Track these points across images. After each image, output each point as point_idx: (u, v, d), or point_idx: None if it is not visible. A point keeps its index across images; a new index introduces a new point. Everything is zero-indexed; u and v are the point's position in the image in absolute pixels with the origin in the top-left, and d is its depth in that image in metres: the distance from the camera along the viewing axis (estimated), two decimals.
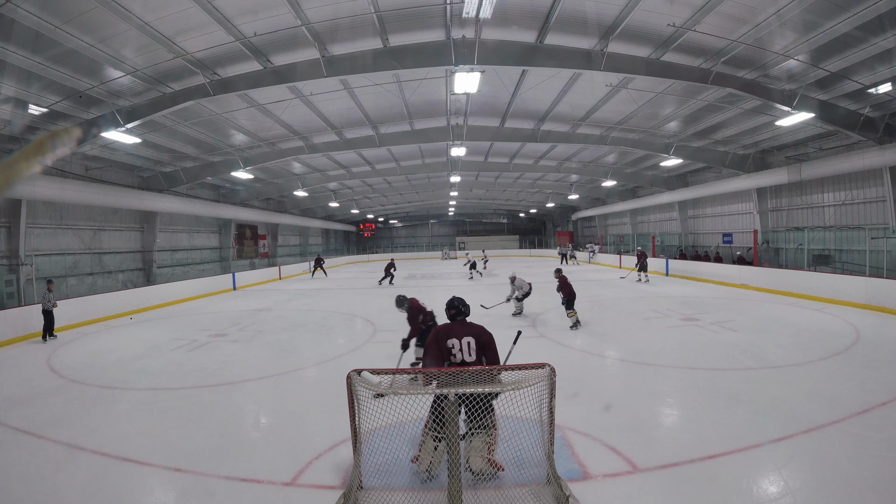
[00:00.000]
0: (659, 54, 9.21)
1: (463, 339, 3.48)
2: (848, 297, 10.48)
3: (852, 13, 7.27)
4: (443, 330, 3.56)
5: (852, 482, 3.22)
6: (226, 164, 16.18)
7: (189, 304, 14.60)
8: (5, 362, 7.55)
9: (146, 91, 9.82)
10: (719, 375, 5.74)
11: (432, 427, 3.30)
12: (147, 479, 3.63)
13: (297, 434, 4.34)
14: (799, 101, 10.06)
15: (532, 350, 7.24)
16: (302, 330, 9.75)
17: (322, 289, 18.27)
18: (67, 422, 4.80)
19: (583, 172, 22.04)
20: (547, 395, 3.06)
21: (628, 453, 3.73)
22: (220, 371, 6.66)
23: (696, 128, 14.25)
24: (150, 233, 17.39)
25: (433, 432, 3.32)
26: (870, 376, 5.45)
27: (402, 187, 27.50)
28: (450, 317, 3.67)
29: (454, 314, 3.65)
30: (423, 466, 3.43)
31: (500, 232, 48.01)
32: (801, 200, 16.02)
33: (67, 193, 12.31)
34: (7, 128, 10.29)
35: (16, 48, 7.44)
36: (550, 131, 14.78)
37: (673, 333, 8.32)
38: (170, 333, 9.53)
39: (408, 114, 13.38)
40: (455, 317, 3.64)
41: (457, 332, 3.51)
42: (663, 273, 19.20)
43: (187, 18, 7.43)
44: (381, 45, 8.80)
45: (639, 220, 28.15)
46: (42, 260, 12.53)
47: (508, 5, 7.64)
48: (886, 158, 11.53)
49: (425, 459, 3.43)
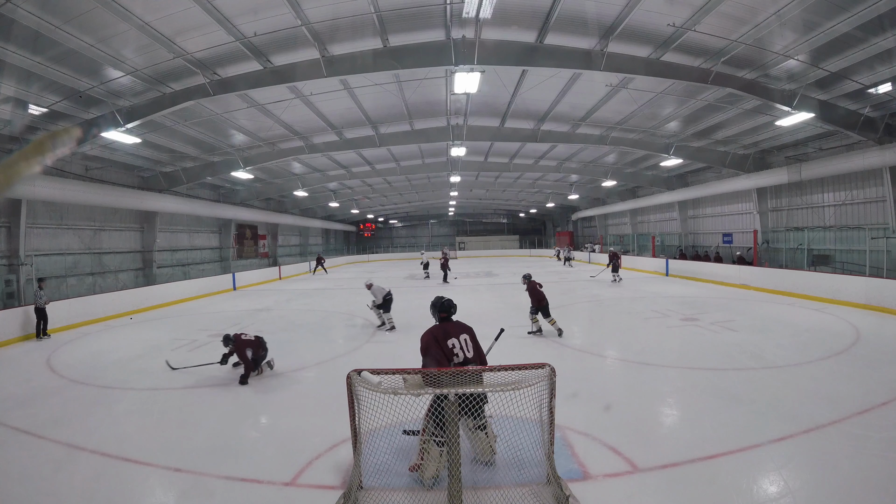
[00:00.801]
0: (659, 54, 9.20)
1: (460, 336, 3.53)
2: (848, 297, 10.48)
3: (852, 13, 7.27)
4: (439, 332, 3.55)
5: (852, 482, 3.21)
6: (226, 164, 16.18)
7: (189, 304, 14.60)
8: (5, 362, 7.55)
9: (146, 91, 9.83)
10: (719, 375, 5.74)
11: (433, 432, 3.25)
12: (147, 479, 3.63)
13: (297, 434, 4.34)
14: (799, 101, 10.06)
15: (532, 350, 7.25)
16: (302, 330, 9.74)
17: (322, 289, 18.27)
18: (67, 422, 4.80)
19: (583, 172, 22.04)
20: (547, 395, 3.06)
21: (628, 453, 3.73)
22: (220, 371, 6.66)
23: (696, 128, 14.25)
24: (150, 233, 17.40)
25: (435, 437, 3.26)
26: (870, 376, 5.45)
27: (402, 187, 27.50)
28: (441, 319, 3.68)
29: (445, 316, 3.67)
30: (429, 474, 3.31)
31: (500, 232, 48.00)
32: (801, 200, 16.02)
33: (67, 193, 12.31)
34: (7, 128, 10.29)
35: (16, 48, 7.44)
36: (550, 131, 14.78)
37: (673, 333, 8.31)
38: (170, 333, 9.53)
39: (408, 114, 13.38)
40: (447, 318, 3.68)
41: (453, 332, 3.54)
42: (663, 273, 19.20)
43: (187, 18, 7.43)
44: (381, 45, 8.79)
45: (639, 220, 28.15)
46: (42, 260, 12.53)
47: (508, 5, 7.64)
48: (886, 158, 11.53)
49: (430, 467, 3.32)
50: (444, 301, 3.71)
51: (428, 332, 3.57)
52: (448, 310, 3.69)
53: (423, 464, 3.36)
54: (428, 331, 3.57)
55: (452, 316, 3.71)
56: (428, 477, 3.32)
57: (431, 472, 3.32)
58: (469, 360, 3.46)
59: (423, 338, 3.53)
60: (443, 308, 3.68)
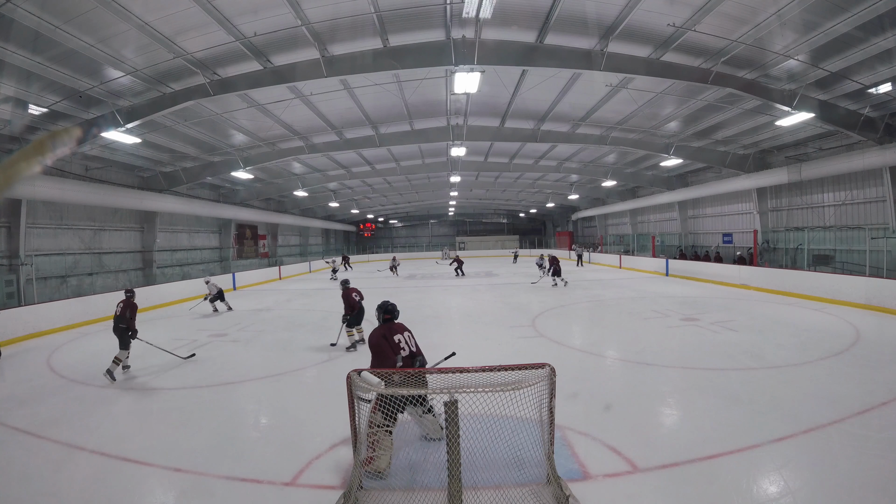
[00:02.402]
0: (659, 54, 9.21)
1: (403, 333, 4.05)
2: (848, 297, 10.48)
3: (852, 13, 7.27)
4: (385, 329, 4.02)
5: (852, 482, 3.21)
6: (226, 164, 16.18)
7: (189, 304, 14.59)
8: (5, 362, 7.55)
9: (146, 91, 9.83)
10: (719, 375, 5.74)
11: (382, 423, 3.32)
12: (147, 479, 3.62)
13: (297, 434, 4.34)
14: (799, 101, 10.06)
15: (532, 350, 7.25)
16: (302, 330, 9.74)
17: (322, 289, 18.27)
18: (67, 422, 4.79)
19: (583, 172, 22.05)
20: (547, 395, 3.06)
21: (628, 453, 3.73)
22: (220, 371, 6.67)
23: (696, 128, 14.25)
24: (150, 233, 17.40)
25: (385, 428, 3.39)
26: (870, 376, 5.45)
27: (402, 187, 27.50)
28: (385, 320, 4.14)
29: (389, 318, 4.15)
30: (384, 464, 3.42)
31: (500, 232, 48.01)
32: (801, 200, 16.02)
33: (67, 193, 12.31)
34: (7, 128, 10.29)
35: (16, 48, 7.44)
36: (550, 131, 14.78)
37: (673, 333, 8.31)
38: (170, 333, 9.52)
39: (408, 114, 13.38)
40: (390, 319, 4.15)
41: (397, 330, 4.06)
42: (663, 273, 19.21)
43: (187, 18, 7.43)
44: (381, 45, 8.80)
45: (639, 220, 28.17)
46: (42, 260, 12.53)
47: (508, 5, 7.64)
48: (886, 158, 11.53)
49: (384, 458, 3.44)
50: (388, 305, 4.24)
51: (376, 331, 4.01)
52: (392, 312, 4.20)
53: (377, 455, 3.45)
54: (375, 330, 4.03)
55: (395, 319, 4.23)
56: (383, 468, 3.44)
57: (385, 462, 3.45)
58: (413, 353, 3.96)
59: (372, 337, 3.95)
60: (387, 310, 4.19)
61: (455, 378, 3.01)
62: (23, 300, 11.33)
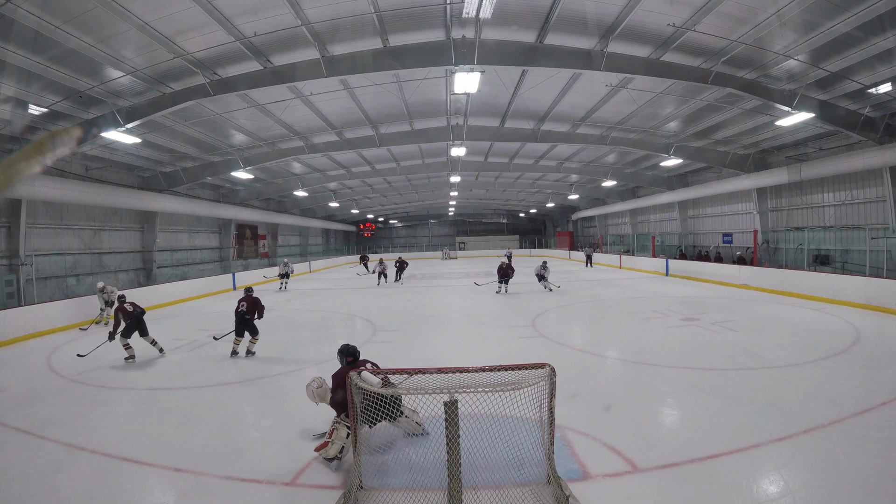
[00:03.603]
0: (659, 54, 9.21)
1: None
2: (848, 297, 10.48)
3: (852, 13, 7.27)
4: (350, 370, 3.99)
5: (852, 482, 3.22)
6: (226, 164, 16.18)
7: (189, 304, 14.60)
8: (5, 362, 7.55)
9: (146, 91, 9.82)
10: (719, 375, 5.74)
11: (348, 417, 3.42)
12: (147, 479, 3.63)
13: (297, 434, 4.34)
14: (799, 101, 10.06)
15: (532, 350, 7.25)
16: (302, 330, 9.74)
17: (322, 289, 18.27)
18: (67, 422, 4.80)
19: (583, 172, 22.05)
20: (547, 395, 3.06)
21: (628, 453, 3.73)
22: (220, 371, 6.66)
23: (696, 128, 14.25)
24: (150, 233, 17.39)
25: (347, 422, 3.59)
26: (870, 376, 5.45)
27: (402, 187, 27.50)
28: (348, 362, 4.16)
29: (352, 360, 4.18)
30: (333, 453, 3.63)
31: (500, 232, 47.99)
32: (801, 200, 16.02)
33: (67, 193, 12.31)
34: (7, 128, 10.29)
35: (16, 48, 7.44)
36: (550, 131, 14.78)
37: (673, 333, 8.31)
38: (170, 333, 9.52)
39: (408, 114, 13.38)
40: (353, 361, 4.17)
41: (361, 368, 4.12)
42: (663, 273, 19.21)
43: (187, 18, 7.43)
44: (381, 45, 8.79)
45: (639, 220, 28.16)
46: (42, 260, 12.53)
47: (508, 5, 7.64)
48: (886, 158, 11.53)
49: (336, 447, 3.64)
50: (349, 348, 4.29)
51: (341, 371, 4.03)
52: (354, 354, 4.26)
53: (331, 441, 3.67)
54: (340, 370, 4.05)
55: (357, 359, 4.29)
56: (331, 455, 3.64)
57: (335, 451, 3.64)
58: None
59: (336, 378, 3.98)
60: (349, 353, 4.24)
61: (455, 378, 3.01)
62: (23, 300, 11.32)
